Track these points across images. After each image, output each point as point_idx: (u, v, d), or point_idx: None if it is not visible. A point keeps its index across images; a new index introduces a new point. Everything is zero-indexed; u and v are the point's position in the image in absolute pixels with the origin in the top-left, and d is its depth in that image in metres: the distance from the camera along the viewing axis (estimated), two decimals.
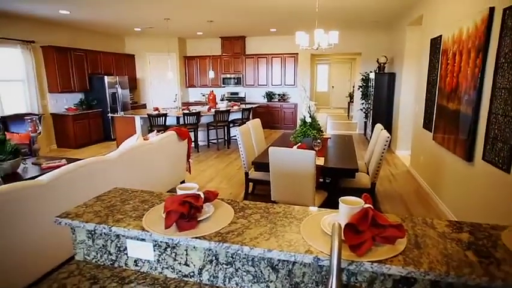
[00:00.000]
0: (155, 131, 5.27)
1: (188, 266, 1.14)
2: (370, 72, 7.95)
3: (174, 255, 1.15)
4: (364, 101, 8.56)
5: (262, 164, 3.25)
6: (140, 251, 1.18)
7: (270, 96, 9.68)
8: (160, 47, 9.50)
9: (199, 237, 1.06)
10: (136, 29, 8.04)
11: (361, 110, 8.68)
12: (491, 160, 2.66)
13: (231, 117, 7.32)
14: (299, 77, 9.30)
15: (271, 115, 9.56)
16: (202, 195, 1.18)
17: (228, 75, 9.86)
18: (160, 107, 7.81)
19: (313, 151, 2.69)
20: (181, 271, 1.15)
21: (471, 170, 3.07)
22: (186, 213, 1.10)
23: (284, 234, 1.08)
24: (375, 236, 0.99)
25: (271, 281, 1.06)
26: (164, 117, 6.44)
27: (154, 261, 1.17)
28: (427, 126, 4.47)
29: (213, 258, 1.10)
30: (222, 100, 9.49)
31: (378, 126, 3.98)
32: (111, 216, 1.24)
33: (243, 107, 7.71)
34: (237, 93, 10.04)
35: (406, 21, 5.94)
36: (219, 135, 7.23)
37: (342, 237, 0.95)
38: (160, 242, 1.14)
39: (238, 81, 9.81)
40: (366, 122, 8.50)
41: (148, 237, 1.12)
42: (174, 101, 8.67)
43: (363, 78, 8.54)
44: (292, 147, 3.08)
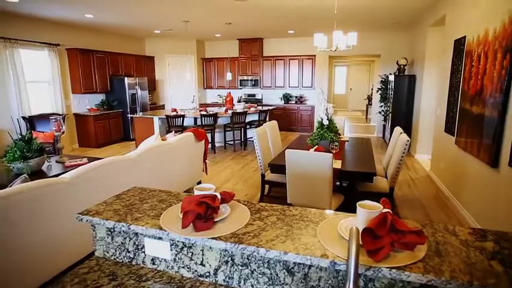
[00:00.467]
0: (173, 131, 5.35)
1: (204, 266, 1.15)
2: (390, 74, 7.80)
3: (190, 255, 1.16)
4: (383, 103, 8.40)
5: (278, 166, 3.24)
6: (157, 249, 1.20)
7: (287, 98, 9.65)
8: (179, 49, 9.66)
9: (215, 238, 1.07)
10: (156, 31, 8.21)
11: (380, 112, 8.52)
12: None
13: (248, 118, 7.34)
14: (316, 79, 9.23)
15: (288, 117, 9.52)
16: (219, 196, 1.19)
17: (245, 77, 9.91)
18: (178, 108, 7.93)
19: (330, 154, 2.66)
20: (197, 271, 1.16)
21: (496, 176, 2.95)
22: (203, 213, 1.11)
23: (300, 237, 1.07)
24: (394, 242, 0.97)
25: (287, 284, 1.05)
26: (182, 118, 6.53)
27: (171, 260, 1.19)
28: (449, 130, 4.34)
29: (229, 259, 1.11)
30: (239, 102, 9.55)
31: (397, 129, 3.89)
32: (130, 214, 1.26)
33: (260, 108, 7.72)
34: (254, 95, 10.07)
35: (428, 22, 5.80)
36: (236, 137, 7.27)
37: (360, 241, 0.93)
38: (177, 241, 1.16)
39: (256, 83, 9.84)
40: (384, 125, 8.33)
41: (166, 236, 1.13)
42: (192, 102, 8.78)
43: (382, 81, 8.39)
44: (309, 150, 3.06)
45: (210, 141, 6.58)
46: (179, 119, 6.51)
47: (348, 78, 15.55)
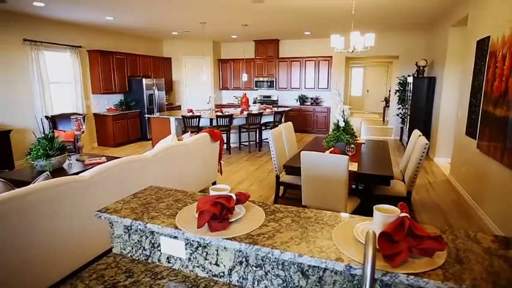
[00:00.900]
0: (189, 132, 5.41)
1: (218, 266, 1.15)
2: (408, 76, 7.64)
3: (205, 255, 1.17)
4: (400, 105, 8.23)
5: (293, 168, 3.23)
6: (173, 248, 1.21)
7: (302, 99, 9.60)
8: (195, 51, 9.77)
9: (230, 238, 1.07)
10: (173, 32, 8.34)
11: (398, 115, 8.35)
12: None
13: (263, 120, 7.34)
14: (333, 80, 9.14)
15: (304, 119, 9.47)
16: (234, 197, 1.19)
17: (261, 78, 9.92)
18: (194, 108, 8.02)
19: (347, 156, 2.63)
20: (211, 270, 1.17)
21: None
22: (218, 213, 1.12)
23: (315, 239, 1.06)
24: (412, 247, 0.94)
25: (301, 286, 1.04)
26: (198, 119, 6.60)
27: (186, 259, 1.20)
28: (471, 133, 4.20)
29: (243, 259, 1.11)
30: (254, 103, 9.56)
31: (416, 132, 3.80)
32: (147, 213, 1.28)
33: (275, 110, 7.70)
34: (269, 96, 10.07)
35: (449, 22, 5.64)
36: (251, 138, 7.28)
37: (376, 246, 0.91)
38: (192, 240, 1.17)
39: (271, 84, 9.84)
40: (402, 128, 8.16)
41: (181, 235, 1.15)
42: (208, 103, 8.87)
43: (400, 82, 8.22)
44: (324, 152, 3.03)
45: (225, 142, 6.63)
46: (195, 119, 6.58)
47: (365, 79, 15.32)
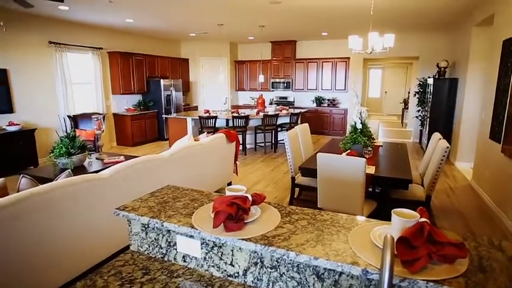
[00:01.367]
0: (205, 132, 5.46)
1: (233, 266, 1.16)
2: (428, 77, 7.44)
3: (220, 255, 1.17)
4: (420, 107, 8.03)
5: (309, 170, 3.20)
6: (189, 247, 1.23)
7: (319, 101, 9.52)
8: (212, 52, 9.86)
9: (245, 239, 1.08)
10: (191, 34, 8.45)
11: (417, 117, 8.16)
12: None
13: (279, 121, 7.33)
14: (350, 82, 9.02)
15: (320, 120, 9.39)
16: (250, 198, 1.20)
17: (277, 80, 9.91)
18: (211, 109, 8.09)
19: (364, 159, 2.59)
20: (226, 270, 1.18)
21: None
22: (234, 214, 1.12)
23: (331, 242, 1.05)
24: (431, 253, 0.92)
25: None
26: (214, 120, 6.66)
27: (201, 258, 1.21)
28: (495, 137, 4.05)
29: (258, 261, 1.11)
30: (270, 104, 9.55)
31: (436, 135, 3.70)
32: (164, 212, 1.30)
33: (292, 111, 7.67)
34: (285, 98, 10.04)
35: (473, 21, 5.47)
36: (267, 139, 7.28)
37: (394, 251, 0.89)
38: (208, 240, 1.18)
39: (288, 86, 9.81)
40: (421, 130, 7.96)
41: (197, 234, 1.16)
42: (224, 103, 8.93)
43: (419, 84, 8.02)
44: (341, 154, 2.99)
45: (241, 142, 6.65)
46: (211, 120, 6.64)
47: (383, 81, 15.04)
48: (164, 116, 8.02)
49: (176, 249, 1.25)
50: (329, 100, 9.50)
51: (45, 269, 2.05)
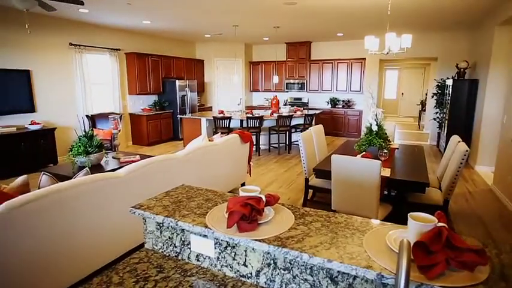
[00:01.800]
0: (219, 132, 5.50)
1: (246, 266, 1.16)
2: (447, 78, 7.26)
3: (233, 255, 1.18)
4: (438, 109, 7.84)
5: (323, 172, 3.18)
6: (202, 246, 1.24)
7: (334, 102, 9.43)
8: (227, 53, 9.92)
9: (258, 240, 1.07)
10: (206, 35, 8.52)
11: (435, 119, 7.96)
12: None
13: (293, 122, 7.30)
14: (366, 83, 8.90)
15: (335, 122, 9.30)
16: (264, 199, 1.20)
17: (291, 81, 9.88)
18: (225, 110, 8.14)
19: (379, 161, 2.55)
20: (239, 271, 1.18)
21: None
22: (248, 214, 1.12)
23: (345, 245, 1.04)
24: (450, 259, 0.89)
25: None
26: (228, 120, 6.69)
27: (215, 258, 1.22)
28: None
29: (271, 262, 1.11)
30: (285, 105, 9.52)
31: (455, 137, 3.60)
32: (178, 211, 1.32)
33: (306, 112, 7.63)
34: (300, 99, 9.99)
35: (495, 20, 5.30)
36: (281, 140, 7.26)
37: (411, 256, 0.87)
38: (221, 240, 1.18)
39: (302, 87, 9.76)
40: (439, 133, 7.77)
41: (211, 234, 1.16)
42: (238, 104, 8.96)
43: (438, 85, 7.83)
44: (356, 156, 2.95)
45: (255, 143, 6.66)
46: (226, 120, 6.67)
47: (400, 82, 14.75)
48: (179, 116, 8.12)
49: (190, 248, 1.27)
50: (344, 101, 9.40)
51: (62, 264, 2.11)
